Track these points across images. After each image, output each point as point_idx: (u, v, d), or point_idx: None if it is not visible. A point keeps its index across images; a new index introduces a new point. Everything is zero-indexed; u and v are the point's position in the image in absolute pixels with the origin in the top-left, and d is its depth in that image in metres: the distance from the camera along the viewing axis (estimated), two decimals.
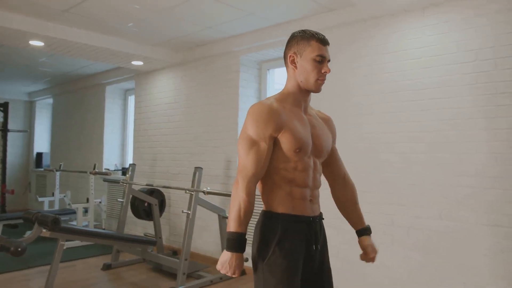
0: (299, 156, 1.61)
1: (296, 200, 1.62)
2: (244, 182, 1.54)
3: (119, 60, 5.07)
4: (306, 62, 1.64)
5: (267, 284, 1.55)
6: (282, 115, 1.59)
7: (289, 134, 1.59)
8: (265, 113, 1.58)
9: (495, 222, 2.80)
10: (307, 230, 1.64)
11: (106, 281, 4.07)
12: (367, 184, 3.41)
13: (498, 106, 2.82)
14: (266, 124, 1.57)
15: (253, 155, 1.56)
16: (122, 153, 6.72)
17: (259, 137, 1.57)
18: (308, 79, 1.65)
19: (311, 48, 1.64)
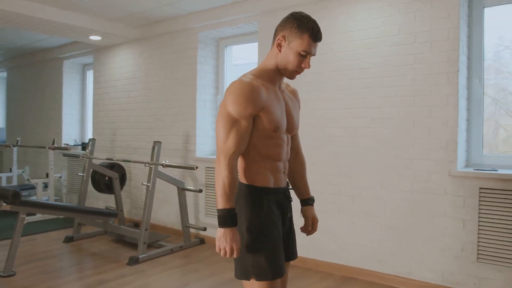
0: (276, 134, 1.67)
1: (274, 174, 1.71)
2: (226, 159, 1.56)
3: (76, 34, 5.04)
4: (291, 51, 1.64)
5: (260, 254, 1.62)
6: (262, 94, 1.61)
7: (268, 114, 1.62)
8: (247, 91, 1.57)
9: (427, 190, 3.11)
10: (284, 200, 1.78)
11: (68, 253, 4.18)
12: (317, 157, 3.66)
13: (433, 85, 3.10)
14: (247, 102, 1.57)
15: (234, 133, 1.57)
16: (82, 128, 6.71)
17: (240, 115, 1.57)
18: (287, 67, 1.67)
19: (301, 41, 1.62)
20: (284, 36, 1.65)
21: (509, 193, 2.81)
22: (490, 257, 2.88)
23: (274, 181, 1.72)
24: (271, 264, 1.63)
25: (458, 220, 2.99)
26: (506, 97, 3.29)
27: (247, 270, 1.64)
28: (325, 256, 3.61)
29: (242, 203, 1.67)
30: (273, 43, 1.70)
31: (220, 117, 1.61)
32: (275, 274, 1.63)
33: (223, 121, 1.59)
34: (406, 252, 3.21)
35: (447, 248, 3.03)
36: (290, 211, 1.84)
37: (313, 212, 2.02)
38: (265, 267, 1.62)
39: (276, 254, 1.66)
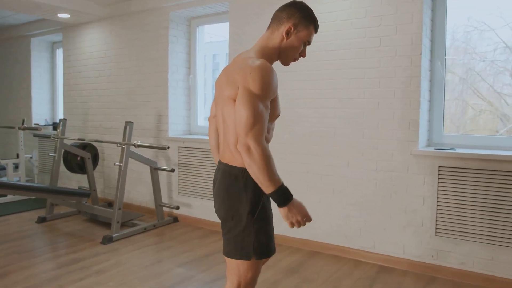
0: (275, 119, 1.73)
1: None
2: (259, 142, 1.52)
3: (43, 12, 4.92)
4: (297, 40, 1.71)
5: (260, 235, 1.67)
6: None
7: (276, 101, 1.67)
8: (273, 76, 1.59)
9: (390, 168, 3.26)
10: None
11: (41, 233, 4.20)
12: (286, 137, 3.75)
13: (397, 67, 3.20)
14: (274, 87, 1.60)
15: (265, 116, 1.56)
16: (53, 107, 6.60)
17: (267, 99, 1.58)
18: (289, 55, 1.73)
19: (307, 31, 1.72)
20: (294, 25, 1.70)
21: (466, 171, 2.97)
22: (447, 231, 3.06)
23: None
24: (269, 243, 1.71)
25: (418, 197, 3.15)
26: (474, 77, 3.41)
27: (248, 251, 1.67)
28: (294, 231, 3.75)
29: (242, 186, 1.66)
30: (276, 29, 1.73)
31: (246, 100, 1.53)
32: (271, 251, 1.74)
33: (250, 104, 1.53)
34: (370, 227, 3.37)
35: (408, 223, 3.20)
36: None
37: None
38: (266, 246, 1.69)
39: (272, 233, 1.74)
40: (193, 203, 4.50)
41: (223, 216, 1.73)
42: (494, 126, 3.45)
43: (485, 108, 3.44)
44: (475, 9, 3.30)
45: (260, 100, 1.54)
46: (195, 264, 3.37)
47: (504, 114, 3.35)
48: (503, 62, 3.28)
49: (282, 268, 3.27)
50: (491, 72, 3.36)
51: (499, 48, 3.27)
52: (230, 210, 1.69)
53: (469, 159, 2.95)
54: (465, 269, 3.00)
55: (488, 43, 3.31)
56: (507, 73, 3.29)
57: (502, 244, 2.87)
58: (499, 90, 3.34)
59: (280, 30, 1.71)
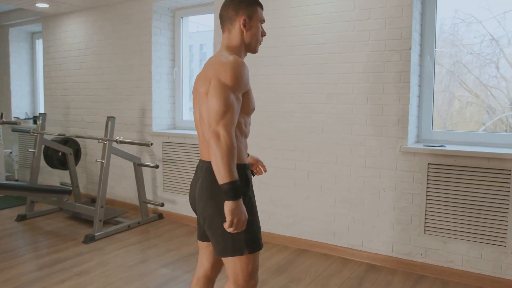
0: (251, 113, 1.79)
1: (245, 151, 1.80)
2: (228, 132, 1.56)
3: (20, 1, 4.72)
4: (255, 26, 1.80)
5: (250, 227, 1.68)
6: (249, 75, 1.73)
7: (250, 94, 1.74)
8: (244, 69, 1.66)
9: (379, 165, 3.20)
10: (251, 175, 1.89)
11: (21, 232, 4.07)
12: (273, 133, 3.67)
13: (386, 62, 3.13)
14: (244, 81, 1.66)
15: (234, 109, 1.61)
16: (33, 100, 6.41)
17: (238, 91, 1.64)
18: (255, 41, 1.82)
19: (257, 13, 1.81)
20: (248, 16, 1.79)
21: (455, 169, 2.93)
22: (436, 229, 3.02)
23: (246, 158, 1.83)
24: (260, 235, 1.76)
25: (407, 195, 3.11)
26: (461, 69, 3.37)
27: (241, 246, 1.68)
28: (281, 229, 3.69)
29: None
30: (232, 27, 1.80)
31: (217, 90, 1.60)
32: (261, 243, 1.76)
33: (222, 95, 1.59)
34: (359, 225, 3.32)
35: (397, 221, 3.16)
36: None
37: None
38: (256, 240, 1.72)
39: (259, 224, 1.79)
40: (178, 199, 4.40)
41: (210, 214, 1.70)
42: (480, 118, 3.42)
43: (472, 100, 3.42)
44: (463, 1, 3.24)
45: (232, 91, 1.61)
46: (180, 263, 3.29)
47: (490, 106, 3.33)
48: (490, 54, 3.25)
49: (269, 267, 3.21)
50: (477, 64, 3.34)
51: (486, 41, 3.24)
52: (217, 207, 1.66)
53: (459, 156, 2.90)
54: (454, 268, 2.97)
55: (475, 35, 3.28)
56: (493, 65, 3.26)
57: (491, 242, 2.84)
58: (485, 82, 3.31)
59: (236, 27, 1.79)
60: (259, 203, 3.76)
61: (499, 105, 3.29)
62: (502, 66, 3.21)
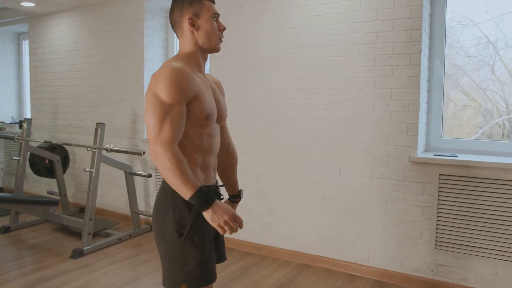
0: (208, 123, 1.58)
1: (204, 170, 1.60)
2: (166, 149, 1.43)
3: (5, 0, 4.47)
4: (206, 22, 1.60)
5: (190, 258, 1.51)
6: (195, 80, 1.52)
7: (201, 100, 1.53)
8: (180, 76, 1.47)
9: (386, 176, 3.01)
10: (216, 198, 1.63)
11: (4, 245, 3.82)
12: (273, 140, 3.46)
13: (394, 66, 2.94)
14: (182, 88, 1.47)
15: (169, 120, 1.45)
16: (20, 103, 6.14)
17: (174, 101, 1.45)
18: (211, 39, 1.62)
19: (206, 8, 1.61)
20: (193, 14, 1.60)
21: (469, 180, 2.75)
22: (448, 244, 2.84)
23: (204, 178, 1.61)
24: (203, 269, 1.53)
25: (417, 207, 2.92)
26: (457, 72, 3.23)
27: (176, 277, 1.52)
28: (282, 243, 3.49)
29: (170, 203, 1.54)
30: (182, 31, 1.63)
31: (150, 104, 1.47)
32: (207, 279, 1.54)
33: (155, 108, 1.46)
34: (365, 239, 3.13)
35: (406, 235, 2.97)
36: None
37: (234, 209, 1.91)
38: (196, 272, 1.52)
39: (207, 257, 1.56)
40: None
41: (155, 238, 1.60)
42: (477, 121, 3.29)
43: (468, 103, 3.29)
44: (459, 3, 3.09)
45: (167, 103, 1.45)
46: None
47: (487, 109, 3.20)
48: (485, 57, 3.15)
49: (270, 284, 3.01)
50: (473, 67, 3.23)
51: (482, 43, 3.14)
52: (160, 230, 1.56)
53: (473, 166, 2.72)
54: (467, 285, 2.79)
55: (471, 37, 3.18)
56: (489, 68, 3.12)
57: (507, 259, 2.66)
58: (481, 85, 3.20)
59: (185, 29, 1.62)
60: (258, 213, 3.56)
61: (495, 109, 3.16)
62: (498, 69, 3.09)
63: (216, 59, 3.73)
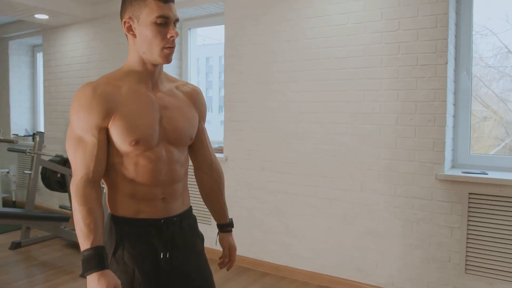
0: (140, 149, 1.31)
1: (141, 201, 1.34)
2: (74, 189, 1.25)
3: (19, 12, 4.44)
4: (145, 27, 1.29)
5: None
6: (111, 99, 1.28)
7: (121, 122, 1.28)
8: (87, 99, 1.26)
9: (411, 194, 2.84)
10: (156, 235, 1.36)
11: (14, 262, 3.74)
12: (290, 155, 3.32)
13: (418, 78, 2.78)
14: (90, 113, 1.26)
15: (80, 154, 1.27)
16: (34, 116, 6.12)
17: (84, 130, 1.27)
18: (151, 49, 1.30)
19: (148, 9, 1.27)
20: (130, 17, 1.31)
21: (501, 199, 2.56)
22: (479, 269, 2.65)
23: (142, 210, 1.34)
24: None
25: (445, 228, 2.73)
26: (477, 83, 3.08)
27: None
28: (300, 263, 3.32)
29: (107, 239, 1.34)
30: (125, 33, 1.36)
31: (67, 136, 1.31)
32: None
33: (68, 141, 1.30)
34: (388, 261, 2.95)
35: (433, 257, 2.78)
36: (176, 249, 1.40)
37: (230, 241, 1.64)
38: None
39: None
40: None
41: None
42: (499, 134, 3.13)
43: (488, 115, 3.15)
44: (479, 12, 2.95)
45: (77, 133, 1.28)
46: None
47: (508, 121, 3.07)
48: (506, 68, 3.03)
49: None
50: (493, 78, 3.11)
51: (502, 53, 3.02)
52: None
53: (505, 185, 2.53)
54: None
55: (491, 47, 3.05)
56: (509, 78, 2.99)
57: None
58: (501, 97, 3.08)
59: (125, 33, 1.35)
60: (275, 232, 3.41)
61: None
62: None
63: (231, 71, 3.61)
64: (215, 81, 11.92)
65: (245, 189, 3.55)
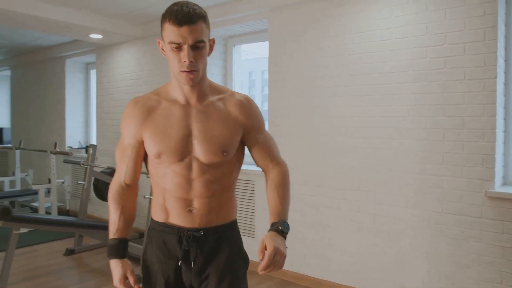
0: (165, 162, 1.38)
1: (170, 209, 1.43)
2: (110, 189, 1.49)
3: (75, 33, 4.74)
4: (167, 50, 1.33)
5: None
6: (146, 113, 1.40)
7: (149, 135, 1.39)
8: (128, 112, 1.45)
9: (459, 211, 2.76)
10: (178, 243, 1.42)
11: (67, 268, 3.94)
12: (333, 169, 3.33)
13: (466, 93, 2.73)
14: (128, 124, 1.43)
15: (119, 159, 1.48)
16: (87, 129, 6.45)
17: (125, 140, 1.46)
18: (173, 70, 1.35)
19: (166, 32, 1.31)
20: (161, 38, 1.37)
21: None
22: None
23: (169, 217, 1.43)
24: None
25: (496, 247, 2.64)
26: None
27: None
28: (341, 278, 3.30)
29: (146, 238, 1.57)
30: None
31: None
32: None
33: (116, 148, 1.51)
34: (434, 279, 2.87)
35: (483, 278, 2.69)
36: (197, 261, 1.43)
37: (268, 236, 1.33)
38: None
39: None
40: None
41: None
42: None
43: None
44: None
45: (122, 142, 1.48)
46: None
47: None
48: None
49: None
50: None
51: None
52: None
53: None
54: None
55: None
56: None
57: None
58: None
59: None
60: (317, 246, 3.40)
61: None
62: None
63: (274, 87, 3.69)
64: (257, 94, 11.98)
65: None
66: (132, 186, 1.50)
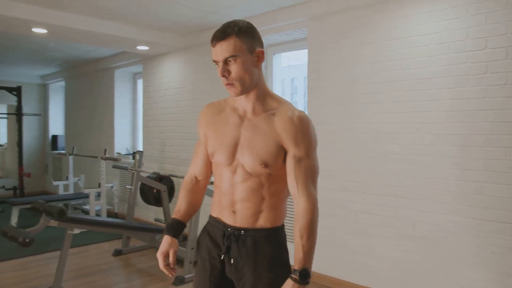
0: (218, 164, 1.57)
1: (221, 205, 1.58)
2: (184, 179, 1.69)
3: (124, 45, 5.02)
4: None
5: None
6: (210, 118, 1.61)
7: (209, 136, 1.60)
8: (202, 113, 1.65)
9: (504, 219, 2.70)
10: (221, 238, 1.55)
11: (115, 268, 4.16)
12: (372, 175, 3.34)
13: (509, 98, 2.68)
14: (201, 123, 1.65)
15: (195, 153, 1.68)
16: (133, 136, 6.75)
17: (199, 136, 1.66)
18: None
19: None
20: None
21: None
22: None
23: (221, 213, 1.59)
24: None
25: None
26: None
27: None
28: (382, 285, 3.29)
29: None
30: None
31: None
32: None
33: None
34: None
35: None
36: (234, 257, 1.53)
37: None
38: None
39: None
40: None
41: None
42: None
43: None
44: None
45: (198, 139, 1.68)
46: None
47: None
48: None
49: None
50: None
51: None
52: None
53: None
54: None
55: None
56: None
57: None
58: None
59: None
60: (356, 252, 3.42)
61: None
62: None
63: (312, 94, 3.75)
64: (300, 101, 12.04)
65: (326, 208, 3.61)
66: (202, 181, 1.67)
